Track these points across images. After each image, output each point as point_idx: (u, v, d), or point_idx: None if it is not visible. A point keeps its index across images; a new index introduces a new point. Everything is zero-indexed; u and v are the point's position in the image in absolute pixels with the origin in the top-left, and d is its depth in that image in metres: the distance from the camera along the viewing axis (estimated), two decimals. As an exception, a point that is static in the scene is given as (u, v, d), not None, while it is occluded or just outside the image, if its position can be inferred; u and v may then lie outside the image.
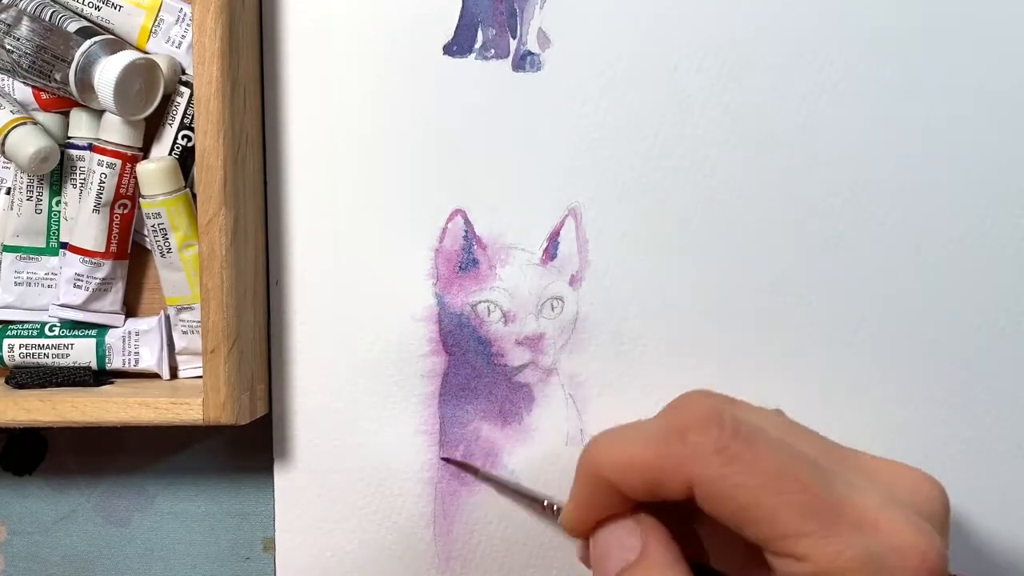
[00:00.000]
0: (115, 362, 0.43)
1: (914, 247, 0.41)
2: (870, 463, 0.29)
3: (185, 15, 0.41)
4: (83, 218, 0.41)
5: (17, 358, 0.42)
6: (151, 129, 0.42)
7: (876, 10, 0.41)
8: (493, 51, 0.41)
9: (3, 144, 0.40)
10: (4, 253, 0.43)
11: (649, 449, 0.29)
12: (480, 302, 0.42)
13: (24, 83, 0.42)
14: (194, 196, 0.39)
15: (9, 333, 0.43)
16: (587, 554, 0.33)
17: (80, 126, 0.42)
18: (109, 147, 0.41)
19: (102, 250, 0.42)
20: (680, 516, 0.31)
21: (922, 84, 0.41)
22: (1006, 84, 0.41)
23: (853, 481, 0.28)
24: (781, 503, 0.26)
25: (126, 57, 0.39)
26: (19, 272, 0.43)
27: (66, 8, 0.41)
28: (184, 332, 0.42)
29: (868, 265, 0.41)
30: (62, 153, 0.42)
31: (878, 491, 0.27)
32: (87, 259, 0.41)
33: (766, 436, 0.28)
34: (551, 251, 0.42)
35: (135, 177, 0.41)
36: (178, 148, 0.41)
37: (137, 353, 0.43)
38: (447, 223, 0.42)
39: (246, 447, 0.44)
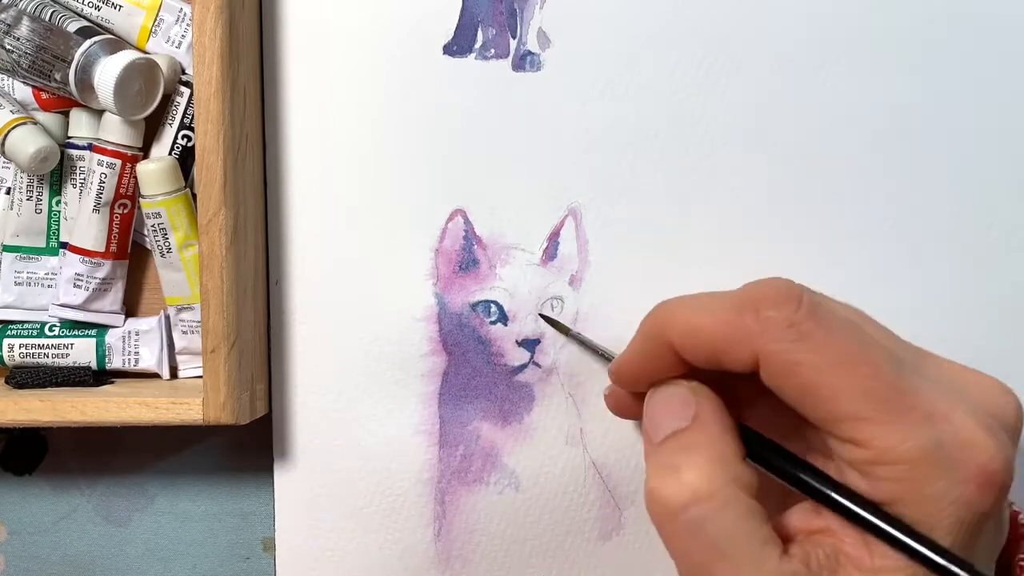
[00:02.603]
0: (115, 362, 0.43)
1: (919, 244, 0.41)
2: (946, 365, 0.29)
3: (185, 15, 0.41)
4: (83, 218, 0.41)
5: (17, 358, 0.42)
6: (151, 129, 0.42)
7: (876, 9, 0.41)
8: (493, 51, 0.41)
9: (3, 144, 0.40)
10: (4, 253, 0.43)
11: (718, 317, 0.28)
12: (480, 302, 0.42)
13: (24, 83, 0.42)
14: (194, 196, 0.39)
15: (9, 333, 0.43)
16: (620, 401, 0.33)
17: (80, 126, 0.42)
18: (109, 147, 0.41)
19: (102, 250, 0.42)
20: (734, 391, 0.31)
21: (924, 83, 0.41)
22: (1007, 83, 0.41)
23: (927, 376, 0.27)
24: (847, 384, 0.26)
25: (126, 57, 0.39)
26: (19, 272, 0.43)
27: (66, 8, 0.41)
28: (184, 332, 0.42)
29: (871, 264, 0.41)
30: (62, 153, 0.42)
31: (951, 389, 0.27)
32: (87, 259, 0.41)
33: (843, 320, 0.27)
34: (551, 251, 0.42)
35: (135, 177, 0.41)
36: (178, 148, 0.41)
37: (137, 353, 0.43)
38: (447, 223, 0.42)
39: (246, 447, 0.44)
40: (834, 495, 0.27)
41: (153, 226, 0.41)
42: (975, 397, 0.27)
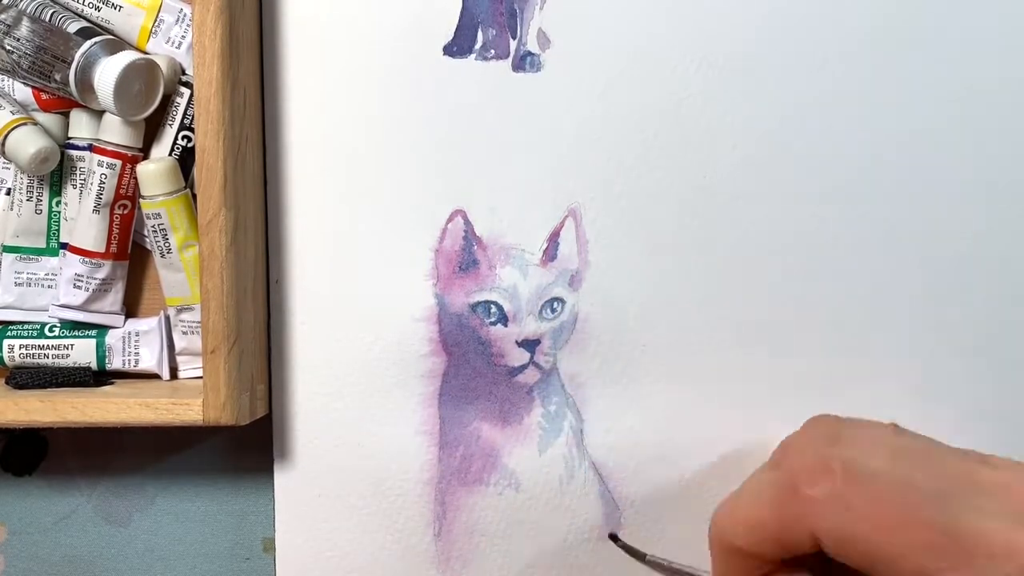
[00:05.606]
0: (115, 362, 0.43)
1: (915, 245, 0.41)
2: (995, 477, 0.28)
3: (185, 15, 0.41)
4: (83, 218, 0.41)
5: (17, 359, 0.42)
6: (151, 129, 0.42)
7: (875, 10, 0.41)
8: (493, 51, 0.41)
9: (3, 145, 0.40)
10: (4, 253, 0.43)
11: (766, 509, 0.29)
12: (480, 302, 0.42)
13: (24, 83, 0.42)
14: (194, 196, 0.39)
15: (9, 334, 0.43)
16: None
17: (80, 126, 0.42)
18: (109, 147, 0.41)
19: (102, 250, 0.42)
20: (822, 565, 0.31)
21: (922, 84, 0.41)
22: (1005, 84, 0.41)
23: (978, 504, 0.27)
24: (905, 545, 0.26)
25: (126, 57, 0.39)
26: (19, 272, 0.43)
27: (66, 8, 0.41)
28: (184, 332, 0.42)
29: (867, 264, 0.41)
30: (62, 153, 0.42)
31: (1006, 510, 0.27)
32: (87, 259, 0.41)
33: (879, 474, 0.28)
34: (551, 251, 0.42)
35: (135, 177, 0.41)
36: (178, 148, 0.41)
37: (137, 353, 0.43)
38: (447, 223, 0.42)
39: (246, 447, 0.44)
40: None
41: (153, 227, 0.41)
42: None
